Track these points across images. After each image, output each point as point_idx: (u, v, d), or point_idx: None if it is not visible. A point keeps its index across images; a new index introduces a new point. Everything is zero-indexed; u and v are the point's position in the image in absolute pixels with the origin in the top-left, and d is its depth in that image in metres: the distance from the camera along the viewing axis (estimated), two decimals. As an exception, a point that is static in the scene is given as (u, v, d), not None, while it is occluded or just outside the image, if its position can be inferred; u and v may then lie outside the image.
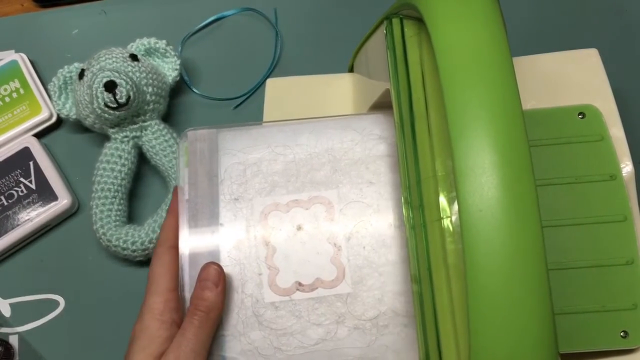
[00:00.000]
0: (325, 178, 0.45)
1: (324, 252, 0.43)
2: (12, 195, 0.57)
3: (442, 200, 0.35)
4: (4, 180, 0.58)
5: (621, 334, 0.46)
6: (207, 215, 0.44)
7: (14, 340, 0.55)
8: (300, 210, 0.44)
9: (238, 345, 0.42)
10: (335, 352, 0.42)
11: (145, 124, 0.57)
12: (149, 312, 0.42)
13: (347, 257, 0.43)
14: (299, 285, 0.43)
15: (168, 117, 0.61)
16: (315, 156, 0.46)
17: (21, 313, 0.56)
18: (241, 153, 0.46)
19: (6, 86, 0.61)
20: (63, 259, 0.58)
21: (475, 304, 0.29)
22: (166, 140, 0.57)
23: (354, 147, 0.46)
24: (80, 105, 0.57)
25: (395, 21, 0.41)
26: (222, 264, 0.43)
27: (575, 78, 0.54)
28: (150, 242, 0.53)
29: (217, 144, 0.46)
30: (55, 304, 0.56)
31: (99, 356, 0.55)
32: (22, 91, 0.61)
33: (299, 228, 0.44)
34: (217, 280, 0.41)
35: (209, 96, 0.63)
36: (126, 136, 0.57)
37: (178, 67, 0.60)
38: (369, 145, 0.45)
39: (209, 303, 0.40)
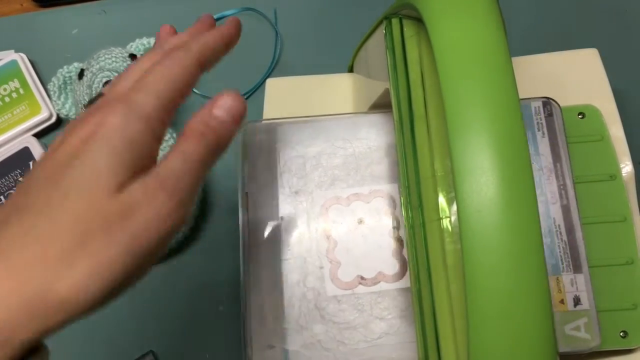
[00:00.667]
0: (386, 172, 0.45)
1: (386, 246, 0.44)
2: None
3: (441, 201, 0.35)
4: (3, 180, 0.58)
5: (620, 334, 0.46)
6: (267, 208, 0.44)
7: (13, 340, 0.55)
8: (361, 204, 0.45)
9: (300, 338, 0.42)
10: (398, 346, 0.42)
11: (145, 124, 0.57)
12: (129, 106, 0.28)
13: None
14: (361, 279, 0.43)
15: (168, 117, 0.61)
16: (375, 150, 0.46)
17: (21, 313, 0.56)
18: (300, 146, 0.46)
19: (6, 86, 0.61)
20: (63, 259, 0.58)
21: (474, 304, 0.29)
22: (166, 140, 0.56)
23: None
24: (79, 105, 0.57)
25: (395, 21, 0.41)
26: (282, 257, 0.43)
27: (575, 78, 0.54)
28: (150, 242, 0.53)
29: (276, 137, 0.46)
30: (55, 303, 0.56)
31: (99, 356, 0.55)
32: (21, 91, 0.61)
33: (360, 222, 0.44)
34: (237, 113, 0.31)
35: (209, 96, 0.63)
36: (126, 136, 0.56)
37: (178, 67, 0.60)
38: None
39: (225, 131, 0.31)
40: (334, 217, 0.44)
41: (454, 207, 0.35)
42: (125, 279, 0.27)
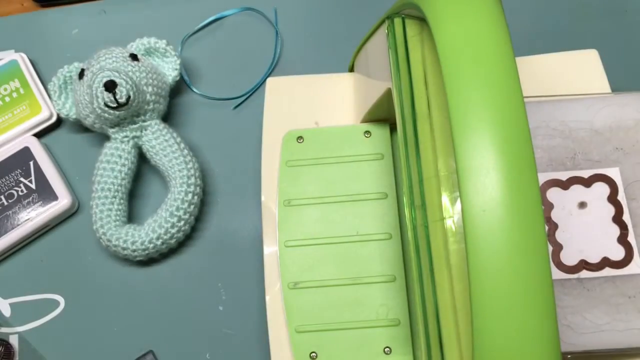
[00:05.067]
0: (606, 156, 0.45)
1: (610, 231, 0.43)
2: (12, 195, 0.57)
3: (445, 200, 0.35)
4: (4, 180, 0.58)
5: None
6: None
7: (14, 340, 0.55)
8: (581, 187, 0.44)
9: None
10: (626, 333, 0.41)
11: (145, 123, 0.57)
12: None
13: (635, 237, 0.43)
14: (585, 264, 0.42)
15: (168, 117, 0.61)
16: (595, 133, 0.45)
17: (21, 313, 0.56)
18: None
19: (6, 86, 0.61)
20: (63, 259, 0.58)
21: (479, 304, 0.29)
22: (166, 140, 0.56)
23: (636, 125, 0.45)
24: (80, 105, 0.56)
25: (397, 21, 0.41)
26: None
27: (574, 79, 0.54)
28: (150, 242, 0.53)
29: None
30: (55, 304, 0.56)
31: (99, 356, 0.55)
32: (22, 91, 0.61)
33: (581, 205, 0.44)
34: None
35: (209, 96, 0.63)
36: (126, 136, 0.56)
37: (178, 66, 0.60)
38: None
39: None
40: (553, 199, 0.44)
41: (458, 207, 0.35)
42: None
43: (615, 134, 0.45)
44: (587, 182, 0.44)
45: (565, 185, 0.44)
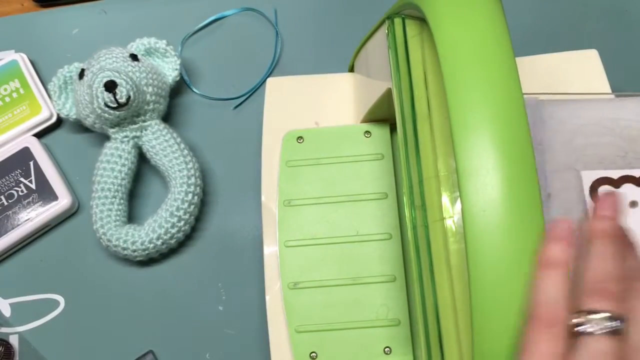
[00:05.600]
0: None
1: None
2: (12, 195, 0.57)
3: (445, 200, 0.35)
4: (4, 180, 0.58)
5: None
6: None
7: (14, 340, 0.55)
8: (632, 186, 0.43)
9: None
10: None
11: (145, 124, 0.57)
12: None
13: None
14: None
15: (168, 117, 0.61)
16: None
17: (21, 313, 0.56)
18: (567, 124, 0.45)
19: (6, 86, 0.61)
20: (63, 259, 0.58)
21: (479, 304, 0.29)
22: (166, 140, 0.56)
23: None
24: (80, 105, 0.56)
25: (397, 21, 0.41)
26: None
27: (575, 79, 0.54)
28: (150, 242, 0.53)
29: (541, 113, 0.45)
30: (55, 303, 0.56)
31: (99, 356, 0.55)
32: (22, 91, 0.61)
33: (633, 205, 0.43)
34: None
35: (209, 96, 0.63)
36: (126, 136, 0.56)
37: (178, 67, 0.60)
38: None
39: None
40: None
41: (458, 207, 0.35)
42: None
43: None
44: (639, 182, 0.43)
45: (616, 183, 0.43)
